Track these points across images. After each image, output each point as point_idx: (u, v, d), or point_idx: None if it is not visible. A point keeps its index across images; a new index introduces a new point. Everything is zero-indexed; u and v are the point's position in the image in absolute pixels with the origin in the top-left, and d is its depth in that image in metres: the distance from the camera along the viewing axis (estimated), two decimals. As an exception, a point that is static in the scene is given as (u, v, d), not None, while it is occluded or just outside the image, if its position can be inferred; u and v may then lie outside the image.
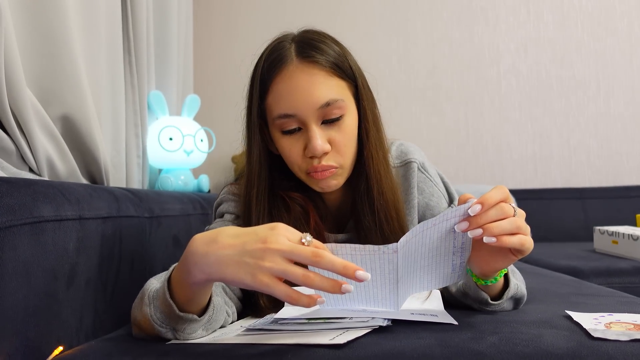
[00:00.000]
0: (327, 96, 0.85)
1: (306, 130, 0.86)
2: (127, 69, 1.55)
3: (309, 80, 0.85)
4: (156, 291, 0.72)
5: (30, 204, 0.76)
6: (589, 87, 2.69)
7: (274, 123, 0.88)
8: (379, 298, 0.74)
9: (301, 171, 0.90)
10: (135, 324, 0.76)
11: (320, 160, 0.87)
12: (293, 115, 0.86)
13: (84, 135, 1.20)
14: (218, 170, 2.64)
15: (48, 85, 1.13)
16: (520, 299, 0.87)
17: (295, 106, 0.85)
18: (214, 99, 2.69)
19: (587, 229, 2.42)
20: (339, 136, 0.88)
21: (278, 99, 0.87)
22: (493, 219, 0.66)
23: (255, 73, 0.92)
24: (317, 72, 0.86)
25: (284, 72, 0.86)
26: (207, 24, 2.75)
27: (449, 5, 2.75)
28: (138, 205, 1.13)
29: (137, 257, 1.09)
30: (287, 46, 0.89)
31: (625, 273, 1.58)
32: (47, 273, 0.78)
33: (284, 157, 0.91)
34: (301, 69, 0.86)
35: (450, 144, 2.71)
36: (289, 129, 0.87)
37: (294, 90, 0.85)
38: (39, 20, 1.10)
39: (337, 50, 0.90)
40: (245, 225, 0.90)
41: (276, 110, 0.87)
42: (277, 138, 0.90)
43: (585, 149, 2.68)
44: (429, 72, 2.73)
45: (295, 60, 0.86)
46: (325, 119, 0.87)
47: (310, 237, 0.61)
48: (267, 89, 0.88)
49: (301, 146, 0.87)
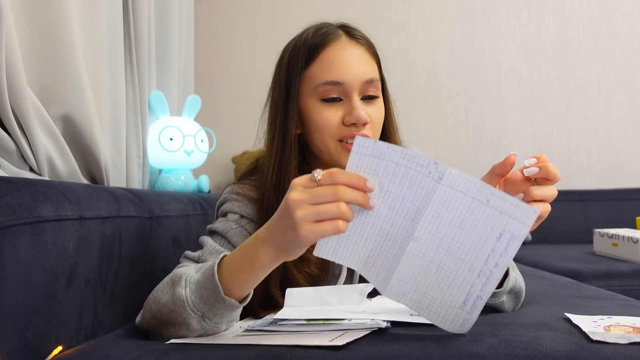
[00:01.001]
0: (371, 73, 0.92)
1: (348, 101, 0.90)
2: (128, 69, 1.55)
3: (358, 55, 0.92)
4: (195, 276, 0.74)
5: (30, 203, 0.76)
6: (590, 89, 2.69)
7: (315, 91, 0.90)
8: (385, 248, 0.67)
9: (333, 139, 0.91)
10: (153, 309, 0.77)
11: (359, 129, 0.89)
12: (340, 84, 0.89)
13: (85, 135, 1.20)
14: (218, 171, 2.64)
15: (49, 85, 1.13)
16: (519, 293, 0.88)
17: (345, 74, 0.89)
18: (215, 100, 2.70)
19: (587, 231, 2.41)
20: (374, 113, 0.92)
21: (328, 66, 0.90)
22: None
23: (296, 46, 0.95)
24: (364, 51, 0.94)
25: (335, 43, 0.91)
26: (209, 24, 2.75)
27: (450, 7, 2.75)
28: (138, 205, 1.13)
29: (137, 258, 1.09)
30: (333, 26, 0.95)
31: (625, 276, 1.58)
32: (47, 273, 0.78)
33: (316, 126, 0.91)
34: (352, 45, 0.92)
35: (450, 146, 2.71)
36: (330, 97, 0.90)
37: (345, 59, 0.90)
38: (40, 20, 1.10)
39: (374, 43, 0.98)
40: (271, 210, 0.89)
41: (323, 77, 0.89)
42: (313, 106, 0.91)
43: (586, 151, 2.68)
44: (429, 73, 2.73)
45: (344, 37, 0.93)
46: (364, 94, 0.91)
47: (319, 171, 0.63)
48: (314, 57, 0.91)
49: (340, 115, 0.90)
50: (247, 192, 0.97)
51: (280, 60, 0.99)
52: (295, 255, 0.66)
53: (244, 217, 0.95)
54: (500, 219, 0.61)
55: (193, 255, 0.91)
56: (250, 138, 1.07)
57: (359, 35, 0.94)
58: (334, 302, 0.86)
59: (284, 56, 0.97)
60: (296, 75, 0.92)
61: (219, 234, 0.94)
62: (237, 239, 0.92)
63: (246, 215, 0.95)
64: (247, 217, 0.95)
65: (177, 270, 0.79)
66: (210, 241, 0.92)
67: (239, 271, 0.70)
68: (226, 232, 0.93)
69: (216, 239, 0.93)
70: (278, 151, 0.93)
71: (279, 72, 0.97)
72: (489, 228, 0.61)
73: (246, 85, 2.72)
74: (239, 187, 0.99)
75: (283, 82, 0.94)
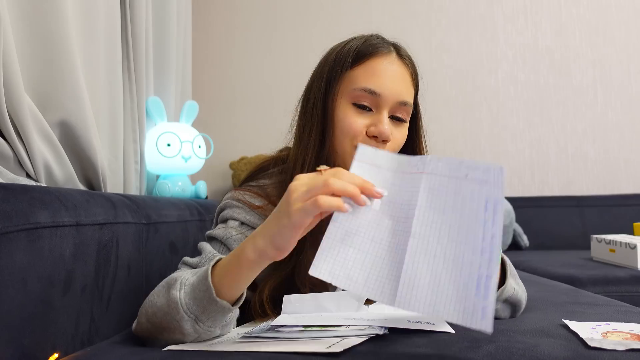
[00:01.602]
0: (408, 96, 0.92)
1: (377, 114, 0.90)
2: (125, 75, 1.55)
3: (402, 74, 0.93)
4: (190, 279, 0.75)
5: (26, 210, 0.76)
6: (587, 95, 2.70)
7: (351, 93, 0.90)
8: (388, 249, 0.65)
9: (351, 144, 0.90)
10: (148, 313, 0.77)
11: (379, 144, 0.89)
12: (376, 94, 0.89)
13: (82, 141, 1.20)
14: (216, 177, 2.64)
15: (46, 91, 1.13)
16: (516, 304, 0.87)
17: (384, 87, 0.89)
18: (213, 106, 2.70)
19: (585, 237, 2.42)
20: (398, 135, 0.93)
21: (371, 74, 0.90)
22: None
23: (348, 44, 0.94)
24: (408, 74, 0.95)
25: (385, 55, 0.92)
26: (206, 30, 2.75)
27: (447, 14, 2.76)
28: (135, 211, 1.13)
29: (134, 264, 1.09)
30: (386, 41, 0.96)
31: (623, 282, 1.58)
32: (43, 279, 0.78)
33: (340, 126, 0.91)
34: (399, 63, 0.93)
35: (448, 151, 2.71)
36: (362, 104, 0.90)
37: (389, 73, 0.90)
38: (38, 26, 1.10)
39: (417, 71, 1.00)
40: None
41: (363, 83, 0.89)
42: (343, 107, 0.91)
43: (583, 157, 2.68)
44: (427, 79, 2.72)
45: (394, 54, 0.94)
46: (394, 114, 0.91)
47: (325, 167, 0.65)
48: (362, 61, 0.91)
49: (366, 123, 0.90)
50: (248, 198, 0.97)
51: (325, 58, 0.98)
52: (282, 249, 0.67)
53: (244, 224, 0.95)
54: (480, 190, 0.60)
55: (191, 261, 0.91)
56: (248, 144, 1.07)
57: (407, 58, 0.96)
58: (331, 309, 0.86)
59: (331, 54, 0.97)
60: (339, 73, 0.92)
61: (218, 241, 0.93)
62: (237, 246, 0.92)
63: (247, 222, 0.94)
64: (248, 224, 0.94)
65: (174, 274, 0.80)
66: (208, 247, 0.92)
67: (228, 271, 0.72)
68: (226, 239, 0.92)
69: (215, 246, 0.93)
70: (316, 148, 0.92)
71: (322, 69, 0.96)
72: (476, 202, 0.60)
73: (244, 91, 2.73)
74: (240, 193, 0.98)
75: (324, 78, 0.94)
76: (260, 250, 0.68)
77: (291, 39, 2.71)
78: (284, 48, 2.70)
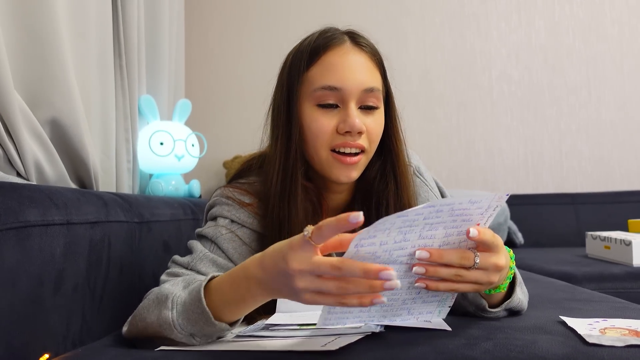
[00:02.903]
0: (372, 82, 0.88)
1: (344, 109, 0.87)
2: (117, 73, 1.53)
3: (361, 62, 0.89)
4: (182, 297, 0.72)
5: (16, 208, 0.74)
6: (581, 93, 2.70)
7: (312, 95, 0.87)
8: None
9: (325, 149, 0.88)
10: (139, 327, 0.75)
11: (354, 137, 0.86)
12: (337, 89, 0.86)
13: (73, 140, 1.19)
14: (209, 176, 2.63)
15: (37, 89, 1.11)
16: (519, 311, 0.86)
17: (343, 80, 0.86)
18: (206, 104, 2.68)
19: (579, 234, 2.42)
20: (372, 124, 0.89)
21: (327, 70, 0.87)
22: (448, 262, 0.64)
23: (300, 48, 0.92)
24: (367, 59, 0.90)
25: (338, 48, 0.88)
26: (199, 28, 2.73)
27: (440, 12, 2.75)
28: (127, 210, 1.11)
29: (126, 263, 1.08)
30: (339, 31, 0.92)
31: (618, 278, 1.58)
32: (33, 279, 0.77)
33: (309, 132, 0.88)
34: (355, 51, 0.89)
35: (442, 149, 2.71)
36: (326, 103, 0.87)
37: (346, 65, 0.87)
38: (28, 24, 1.08)
39: (380, 52, 0.95)
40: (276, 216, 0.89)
41: (321, 81, 0.87)
42: (309, 112, 0.88)
43: (577, 155, 2.69)
44: (421, 77, 2.73)
45: (349, 43, 0.90)
46: (363, 104, 0.88)
47: (309, 228, 0.59)
48: (316, 60, 0.88)
49: (334, 123, 0.87)
50: (237, 196, 0.95)
51: (284, 63, 0.96)
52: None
53: (234, 222, 0.93)
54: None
55: (182, 260, 0.90)
56: (242, 142, 1.06)
57: (364, 43, 0.91)
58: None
59: (288, 58, 0.95)
60: (297, 77, 0.89)
61: (208, 239, 0.92)
62: (227, 245, 0.91)
63: (237, 220, 0.93)
64: (238, 222, 0.93)
65: (164, 288, 0.76)
66: (199, 246, 0.91)
67: (231, 303, 0.69)
68: (216, 238, 0.91)
69: (205, 244, 0.92)
70: (282, 156, 0.90)
71: (282, 74, 0.94)
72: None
73: (237, 89, 2.71)
74: (230, 190, 0.97)
75: (285, 84, 0.92)
76: (269, 295, 0.67)
77: (285, 37, 2.68)
78: (277, 46, 2.67)
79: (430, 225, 0.62)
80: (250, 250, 0.92)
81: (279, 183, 0.89)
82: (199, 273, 0.88)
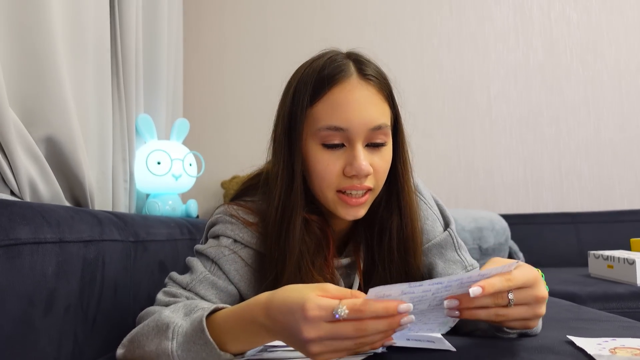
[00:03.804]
0: (379, 119, 0.84)
1: (350, 149, 0.83)
2: (115, 92, 1.52)
3: (368, 99, 0.83)
4: (183, 326, 0.70)
5: (6, 225, 0.72)
6: (579, 113, 2.70)
7: (317, 134, 0.83)
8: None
9: (332, 190, 0.85)
10: (135, 354, 0.73)
11: (361, 180, 0.83)
12: (343, 130, 0.82)
13: (69, 158, 1.17)
14: (207, 196, 2.60)
15: (32, 106, 1.10)
16: (533, 335, 0.84)
17: (350, 120, 0.81)
18: (204, 124, 2.68)
19: (581, 254, 2.40)
20: (380, 162, 0.85)
21: (332, 109, 0.82)
22: (482, 305, 0.64)
23: (304, 78, 0.86)
24: (375, 93, 0.85)
25: (344, 84, 0.83)
26: (197, 48, 2.74)
27: (439, 32, 2.77)
28: (122, 228, 1.09)
29: (120, 283, 1.05)
30: (344, 61, 0.86)
31: (623, 298, 1.55)
32: (24, 299, 0.74)
33: (315, 172, 0.85)
34: (362, 86, 0.84)
35: (441, 169, 2.70)
36: (332, 143, 0.83)
37: (352, 104, 0.82)
38: (25, 41, 1.07)
39: (387, 77, 0.90)
40: (274, 250, 0.87)
41: (326, 121, 0.82)
42: (314, 151, 0.84)
43: (577, 174, 2.67)
44: (419, 97, 2.73)
45: (355, 76, 0.84)
46: (370, 142, 0.84)
47: (344, 309, 0.56)
48: (320, 96, 0.83)
49: (341, 164, 0.83)
50: (241, 214, 0.93)
51: (286, 90, 0.91)
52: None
53: (237, 241, 0.91)
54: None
55: (180, 280, 0.88)
56: (240, 162, 1.04)
57: (370, 74, 0.85)
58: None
59: (292, 84, 0.89)
60: (301, 111, 0.84)
61: (209, 260, 0.90)
62: (229, 267, 0.88)
63: (240, 239, 0.91)
64: (241, 241, 0.91)
65: (164, 315, 0.74)
66: (200, 267, 0.89)
67: (240, 340, 0.67)
68: (218, 259, 0.89)
69: (206, 264, 0.89)
70: (283, 195, 0.86)
71: (284, 104, 0.89)
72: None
73: (236, 109, 2.71)
74: (234, 208, 0.94)
75: (287, 115, 0.87)
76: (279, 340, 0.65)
77: (283, 57, 2.70)
78: (275, 66, 2.69)
79: (440, 298, 0.64)
80: (252, 271, 0.90)
81: (277, 222, 0.87)
82: (197, 295, 0.86)
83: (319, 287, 0.60)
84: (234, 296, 0.90)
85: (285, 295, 0.61)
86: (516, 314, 0.66)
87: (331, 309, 0.57)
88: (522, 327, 0.71)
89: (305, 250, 0.87)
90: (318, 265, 0.88)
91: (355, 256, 0.96)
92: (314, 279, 0.85)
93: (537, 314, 0.68)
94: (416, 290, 0.59)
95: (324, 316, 0.57)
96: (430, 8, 2.77)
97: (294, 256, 0.85)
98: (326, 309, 0.57)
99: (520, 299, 0.65)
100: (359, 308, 0.56)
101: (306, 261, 0.86)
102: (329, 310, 0.57)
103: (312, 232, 0.90)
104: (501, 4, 2.77)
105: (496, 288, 0.63)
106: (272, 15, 2.77)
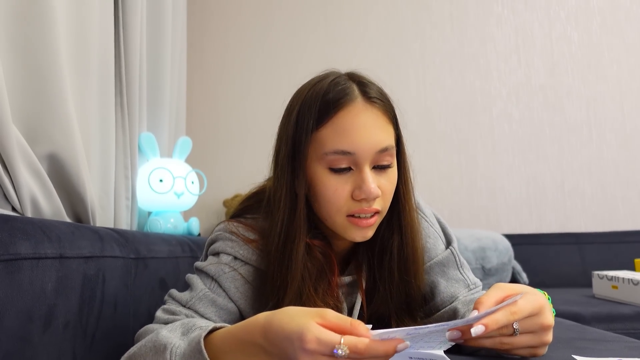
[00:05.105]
0: (386, 141, 0.83)
1: (358, 172, 0.83)
2: (118, 111, 1.53)
3: (374, 122, 0.83)
4: (182, 347, 0.68)
5: (6, 240, 0.72)
6: (581, 132, 2.70)
7: (323, 158, 0.83)
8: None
9: (341, 215, 0.84)
10: None
11: (370, 204, 0.83)
12: (350, 154, 0.81)
13: (71, 175, 1.17)
14: (209, 214, 2.60)
15: (35, 123, 1.10)
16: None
17: (357, 145, 0.81)
18: (207, 142, 2.68)
19: (585, 274, 2.38)
20: (386, 183, 0.85)
21: (339, 134, 0.81)
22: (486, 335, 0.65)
23: (307, 101, 0.85)
24: (380, 115, 0.84)
25: (350, 108, 0.82)
26: (201, 66, 2.76)
27: (440, 52, 2.78)
28: (123, 245, 1.09)
29: (120, 300, 1.04)
30: (348, 83, 0.85)
31: (628, 318, 1.53)
32: (22, 314, 0.74)
33: (323, 197, 0.84)
34: (367, 109, 0.83)
35: (444, 188, 2.70)
36: (339, 167, 0.83)
37: (358, 128, 0.81)
38: (29, 59, 1.08)
39: (390, 98, 0.90)
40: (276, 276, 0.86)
41: (332, 145, 0.82)
42: (320, 175, 0.84)
43: (580, 194, 2.66)
44: (421, 117, 2.74)
45: (360, 99, 0.83)
46: (376, 164, 0.84)
47: (345, 349, 0.56)
48: (326, 121, 0.82)
49: (349, 188, 0.83)
50: (242, 231, 0.92)
51: (289, 109, 0.89)
52: None
53: (237, 258, 0.90)
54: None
55: (180, 297, 0.87)
56: (242, 181, 1.04)
57: (375, 96, 0.85)
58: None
59: (294, 106, 0.87)
60: (306, 135, 0.83)
61: (209, 277, 0.89)
62: (229, 284, 0.88)
63: (240, 257, 0.90)
64: (241, 259, 0.90)
65: (161, 335, 0.73)
66: (199, 284, 0.88)
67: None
68: (218, 277, 0.88)
69: (206, 281, 0.89)
70: (286, 218, 0.86)
71: (287, 124, 0.88)
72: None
73: (238, 127, 2.72)
74: (234, 225, 0.94)
75: (290, 138, 0.86)
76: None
77: (286, 76, 2.72)
78: (278, 85, 2.71)
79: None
80: (252, 288, 0.89)
81: (279, 249, 0.86)
82: (197, 313, 0.85)
83: (318, 313, 0.59)
84: (234, 314, 0.89)
85: (284, 322, 0.60)
86: (522, 343, 0.66)
87: (331, 345, 0.56)
88: (530, 355, 0.71)
89: (307, 277, 0.86)
90: (321, 291, 0.88)
91: (357, 275, 0.95)
92: (316, 304, 0.84)
93: (544, 342, 0.68)
94: (421, 331, 0.59)
95: (323, 351, 0.56)
96: (432, 28, 2.80)
97: (296, 282, 0.84)
98: (326, 344, 0.56)
99: (525, 327, 0.65)
100: (360, 350, 0.55)
101: (308, 287, 0.86)
102: (329, 346, 0.56)
103: (315, 257, 0.89)
104: (503, 24, 2.79)
105: (500, 324, 0.63)
106: (275, 34, 2.80)
